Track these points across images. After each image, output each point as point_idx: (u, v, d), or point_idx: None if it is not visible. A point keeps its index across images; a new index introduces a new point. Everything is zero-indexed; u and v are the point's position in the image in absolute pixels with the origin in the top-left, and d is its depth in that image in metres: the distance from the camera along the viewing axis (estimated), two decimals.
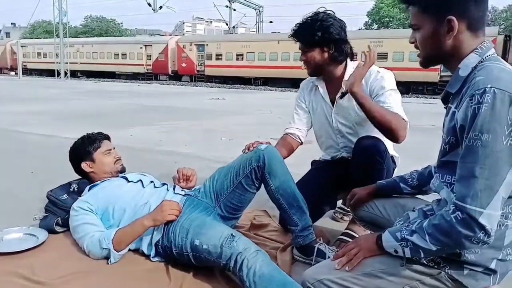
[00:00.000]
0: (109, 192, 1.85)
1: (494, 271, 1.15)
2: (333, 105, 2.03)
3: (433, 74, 19.50)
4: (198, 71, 27.67)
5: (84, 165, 1.99)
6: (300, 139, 2.16)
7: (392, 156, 1.99)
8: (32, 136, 4.94)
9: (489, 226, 1.02)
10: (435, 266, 1.18)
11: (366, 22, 46.32)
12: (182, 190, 1.92)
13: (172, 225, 1.65)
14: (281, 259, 1.75)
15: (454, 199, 1.06)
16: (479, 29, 1.13)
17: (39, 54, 35.01)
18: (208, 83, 24.94)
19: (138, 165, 2.90)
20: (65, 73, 24.86)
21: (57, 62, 26.34)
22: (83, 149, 2.01)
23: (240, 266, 1.39)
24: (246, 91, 17.93)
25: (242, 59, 25.76)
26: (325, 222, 2.31)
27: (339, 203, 2.36)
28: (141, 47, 29.38)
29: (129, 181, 1.91)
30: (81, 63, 32.11)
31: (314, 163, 2.28)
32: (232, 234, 1.52)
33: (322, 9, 1.96)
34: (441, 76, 19.78)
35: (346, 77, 1.94)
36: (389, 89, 1.87)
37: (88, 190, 1.92)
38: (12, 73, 33.64)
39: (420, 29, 1.18)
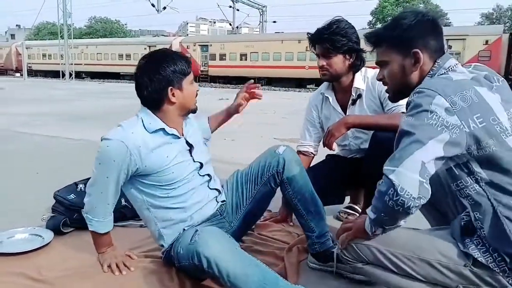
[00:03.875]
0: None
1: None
2: (344, 113, 2.05)
3: None
4: (202, 71, 27.68)
5: (170, 93, 1.53)
6: (313, 153, 2.20)
7: None
8: (37, 137, 4.97)
9: (398, 183, 1.06)
10: (501, 275, 1.14)
11: (370, 21, 46.18)
12: (217, 187, 1.73)
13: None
14: (288, 261, 1.75)
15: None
16: (439, 57, 1.25)
17: (44, 55, 35.19)
18: (212, 84, 24.96)
19: None
20: (70, 74, 24.96)
21: (61, 63, 26.44)
22: (175, 70, 1.53)
23: (214, 270, 1.29)
24: None
25: (246, 59, 25.75)
26: (330, 221, 2.30)
27: (346, 202, 2.37)
28: (145, 48, 29.39)
29: (194, 161, 1.65)
30: (85, 64, 32.22)
31: (328, 155, 2.30)
32: (196, 229, 1.44)
33: (338, 18, 1.97)
34: None
35: (355, 84, 1.99)
36: None
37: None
38: (17, 74, 33.81)
39: (388, 65, 1.31)
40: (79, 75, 30.15)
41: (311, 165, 2.20)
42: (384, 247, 1.24)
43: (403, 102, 1.83)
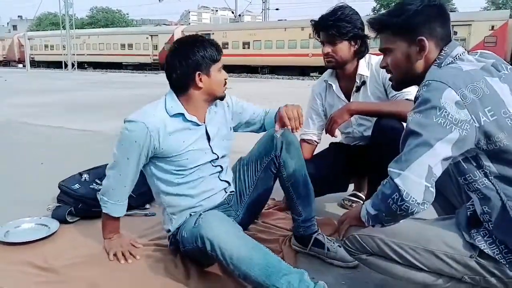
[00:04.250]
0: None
1: None
2: (348, 100, 2.04)
3: None
4: None
5: (198, 78, 1.53)
6: (316, 142, 2.18)
7: None
8: (41, 128, 4.99)
9: (403, 189, 1.05)
10: (509, 267, 1.12)
11: (374, 7, 45.66)
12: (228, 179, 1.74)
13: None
14: (286, 251, 1.76)
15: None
16: (446, 45, 1.21)
17: (46, 46, 35.12)
18: None
19: None
20: (72, 65, 24.94)
21: (64, 54, 26.41)
22: (204, 56, 1.52)
23: (217, 253, 1.31)
24: (253, 79, 17.86)
25: (249, 48, 25.59)
26: (334, 209, 2.32)
27: (350, 190, 2.37)
28: (147, 37, 29.31)
29: (213, 153, 1.65)
30: (87, 55, 32.17)
31: (332, 143, 2.29)
32: (200, 213, 1.47)
33: (342, 4, 1.95)
34: None
35: (360, 70, 1.98)
36: None
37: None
38: (20, 65, 33.85)
39: (392, 52, 1.26)
40: (81, 65, 30.12)
41: (314, 153, 2.20)
42: (389, 238, 1.23)
43: (408, 89, 1.83)
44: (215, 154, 1.64)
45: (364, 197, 2.31)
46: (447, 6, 1.27)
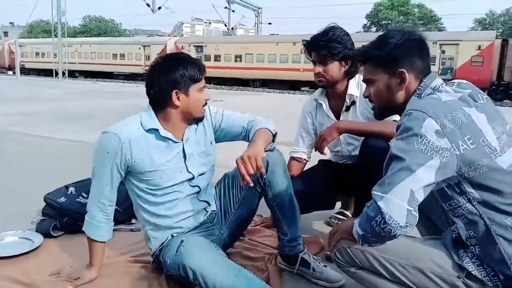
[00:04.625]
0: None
1: None
2: (338, 119, 2.07)
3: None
4: None
5: (175, 96, 1.52)
6: (306, 160, 2.21)
7: None
8: (29, 138, 4.95)
9: (386, 211, 1.07)
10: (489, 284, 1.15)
11: (364, 24, 46.45)
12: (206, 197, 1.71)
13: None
14: (271, 269, 1.76)
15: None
16: (425, 76, 1.26)
17: (37, 53, 34.93)
18: (207, 85, 24.92)
19: None
20: (63, 73, 24.80)
21: (55, 62, 26.25)
22: (184, 75, 1.52)
23: (200, 281, 1.32)
24: (244, 93, 17.93)
25: (241, 61, 25.76)
26: (320, 226, 2.33)
27: (337, 208, 2.38)
28: (139, 48, 29.35)
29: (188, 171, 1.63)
30: (79, 63, 32.02)
31: (320, 161, 2.31)
32: (182, 240, 1.44)
33: (333, 25, 1.99)
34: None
35: (349, 90, 2.02)
36: None
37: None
38: (10, 72, 33.52)
39: (374, 83, 1.31)
40: (72, 74, 29.96)
41: (305, 170, 2.22)
42: (379, 253, 1.25)
43: None
44: (190, 173, 1.62)
45: (350, 215, 2.32)
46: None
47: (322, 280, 1.67)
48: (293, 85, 23.53)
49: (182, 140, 1.61)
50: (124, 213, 2.15)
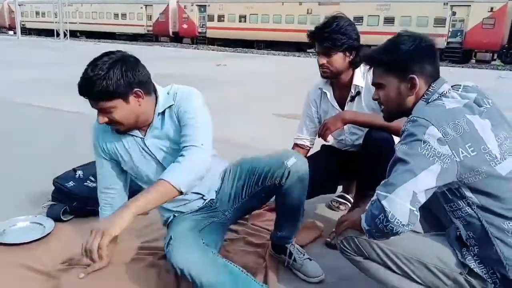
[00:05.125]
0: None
1: None
2: (342, 109, 2.06)
3: (439, 41, 19.12)
4: (199, 33, 27.12)
5: (135, 95, 1.45)
6: (309, 146, 2.22)
7: None
8: (34, 110, 4.96)
9: (389, 210, 1.13)
10: (495, 286, 1.21)
11: None
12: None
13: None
14: (269, 260, 1.82)
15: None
16: (434, 81, 1.28)
17: (37, 13, 34.25)
18: (210, 46, 24.52)
19: None
20: (64, 34, 24.40)
21: (56, 22, 25.79)
22: (144, 72, 1.51)
23: (188, 278, 1.36)
24: (249, 55, 17.64)
25: (245, 21, 25.18)
26: (321, 210, 2.39)
27: (338, 191, 2.43)
28: (141, 7, 28.67)
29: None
30: (80, 23, 31.47)
31: (324, 146, 2.32)
32: (171, 236, 1.45)
33: (338, 14, 1.95)
34: (448, 42, 19.38)
35: (355, 81, 2.00)
36: None
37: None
38: (11, 32, 33.07)
39: (384, 87, 1.33)
40: (73, 33, 29.50)
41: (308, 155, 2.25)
42: (386, 245, 1.30)
43: None
44: (163, 165, 1.57)
45: (351, 199, 2.37)
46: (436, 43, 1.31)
47: (300, 272, 1.73)
48: (299, 47, 23.09)
49: (144, 136, 1.57)
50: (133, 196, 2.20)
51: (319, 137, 2.02)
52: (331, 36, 1.89)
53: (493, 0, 18.80)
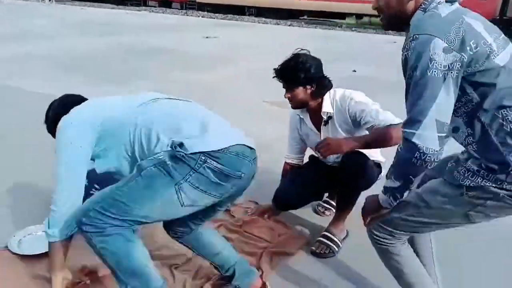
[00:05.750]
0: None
1: None
2: (319, 131, 2.23)
3: None
4: None
5: None
6: (298, 164, 2.47)
7: (378, 163, 2.27)
8: (25, 95, 4.86)
9: (422, 145, 1.24)
10: (493, 185, 1.29)
11: None
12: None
13: None
14: (265, 268, 2.03)
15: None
16: None
17: None
18: (200, 12, 23.92)
19: None
20: None
21: None
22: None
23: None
24: (239, 24, 17.34)
25: None
26: (307, 214, 2.59)
27: (325, 196, 2.64)
28: None
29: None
30: None
31: (312, 156, 2.53)
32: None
33: (300, 51, 2.14)
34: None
35: (324, 108, 2.16)
36: (368, 107, 2.08)
37: None
38: None
39: None
40: None
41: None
42: (400, 214, 1.46)
43: (382, 116, 2.03)
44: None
45: (335, 204, 2.59)
46: None
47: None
48: (291, 14, 22.67)
49: None
50: None
51: (316, 151, 2.20)
52: (289, 74, 2.10)
53: None
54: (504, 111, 1.27)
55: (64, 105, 1.71)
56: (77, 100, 1.74)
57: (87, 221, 1.39)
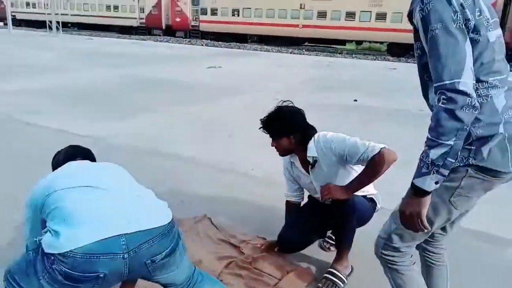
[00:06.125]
0: None
1: (509, 138, 1.33)
2: (309, 174, 2.36)
3: None
4: (192, 26, 27.08)
5: None
6: (299, 201, 2.55)
7: (371, 197, 2.36)
8: (39, 131, 5.00)
9: (469, 91, 1.22)
10: (461, 165, 1.35)
11: None
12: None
13: None
14: None
15: (435, 85, 1.27)
16: None
17: (27, 4, 33.81)
18: (203, 40, 24.53)
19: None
20: (57, 28, 24.23)
21: (47, 13, 25.57)
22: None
23: None
24: (242, 53, 17.70)
25: (238, 15, 25.19)
26: (313, 250, 2.63)
27: (328, 232, 2.71)
28: (133, 0, 28.49)
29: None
30: (72, 15, 31.18)
31: (310, 197, 2.63)
32: None
33: (282, 103, 2.30)
34: None
35: (308, 153, 2.26)
36: (347, 145, 2.16)
37: None
38: (1, 23, 32.64)
39: None
40: (65, 25, 29.26)
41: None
42: (398, 229, 1.52)
43: (363, 148, 2.10)
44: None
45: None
46: None
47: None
48: (292, 41, 23.21)
49: None
50: None
51: (320, 195, 2.27)
52: (272, 127, 2.26)
53: None
54: (478, 84, 1.31)
55: (56, 160, 1.95)
56: (69, 156, 1.93)
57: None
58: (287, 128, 2.24)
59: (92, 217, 1.49)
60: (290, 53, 18.81)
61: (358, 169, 2.23)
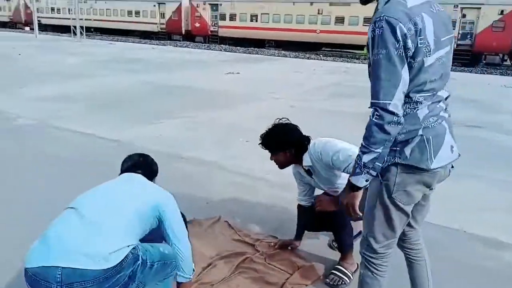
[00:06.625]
0: None
1: (427, 139, 1.54)
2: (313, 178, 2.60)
3: None
4: (211, 31, 27.54)
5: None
6: (309, 205, 2.73)
7: None
8: (70, 135, 5.29)
9: (396, 111, 1.46)
10: (390, 164, 1.57)
11: None
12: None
13: None
14: None
15: (371, 100, 1.49)
16: None
17: (52, 9, 34.93)
18: (222, 46, 24.93)
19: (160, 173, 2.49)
20: (81, 33, 25.00)
21: (71, 18, 26.41)
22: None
23: None
24: (260, 58, 17.89)
25: (256, 21, 25.52)
26: (322, 249, 2.85)
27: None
28: (154, 5, 29.17)
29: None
30: (94, 20, 32.08)
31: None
32: None
33: (279, 121, 2.51)
34: (457, 45, 19.50)
35: (304, 163, 2.51)
36: (333, 157, 2.36)
37: None
38: (27, 28, 33.80)
39: None
40: (88, 29, 30.12)
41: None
42: (366, 231, 1.76)
43: (351, 153, 2.29)
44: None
45: None
46: None
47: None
48: (309, 47, 23.37)
49: None
50: None
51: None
52: (269, 143, 2.48)
53: (503, 3, 18.90)
54: (407, 99, 1.52)
55: (121, 167, 2.20)
56: (130, 167, 2.16)
57: None
58: (282, 144, 2.46)
59: (53, 241, 1.57)
60: (307, 58, 18.97)
61: None
